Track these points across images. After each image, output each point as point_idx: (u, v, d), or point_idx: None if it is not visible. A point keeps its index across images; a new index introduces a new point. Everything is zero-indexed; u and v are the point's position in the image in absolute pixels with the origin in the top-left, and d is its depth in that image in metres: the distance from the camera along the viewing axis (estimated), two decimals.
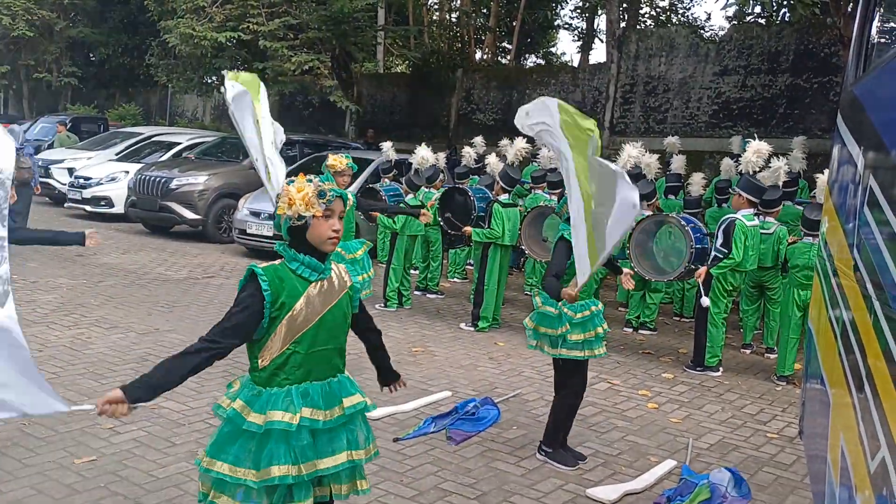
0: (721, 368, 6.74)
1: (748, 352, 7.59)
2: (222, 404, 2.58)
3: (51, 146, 17.34)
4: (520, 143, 9.37)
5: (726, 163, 9.96)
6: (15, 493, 3.70)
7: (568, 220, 4.40)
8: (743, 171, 7.23)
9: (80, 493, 3.76)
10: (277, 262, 2.59)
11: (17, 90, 27.29)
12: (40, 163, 15.79)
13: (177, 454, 4.29)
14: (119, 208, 13.40)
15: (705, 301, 6.47)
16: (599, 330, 4.49)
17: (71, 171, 14.80)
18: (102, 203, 13.66)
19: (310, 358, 2.56)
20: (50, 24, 23.55)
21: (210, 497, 2.54)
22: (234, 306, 2.54)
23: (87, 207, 13.78)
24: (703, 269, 6.59)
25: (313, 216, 2.50)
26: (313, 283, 2.57)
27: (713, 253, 6.62)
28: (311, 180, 2.55)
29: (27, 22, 22.53)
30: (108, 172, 14.00)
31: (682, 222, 6.74)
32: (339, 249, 5.40)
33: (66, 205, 14.27)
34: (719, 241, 6.58)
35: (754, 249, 6.63)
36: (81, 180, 14.00)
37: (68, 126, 18.12)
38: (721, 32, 15.11)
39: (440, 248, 9.32)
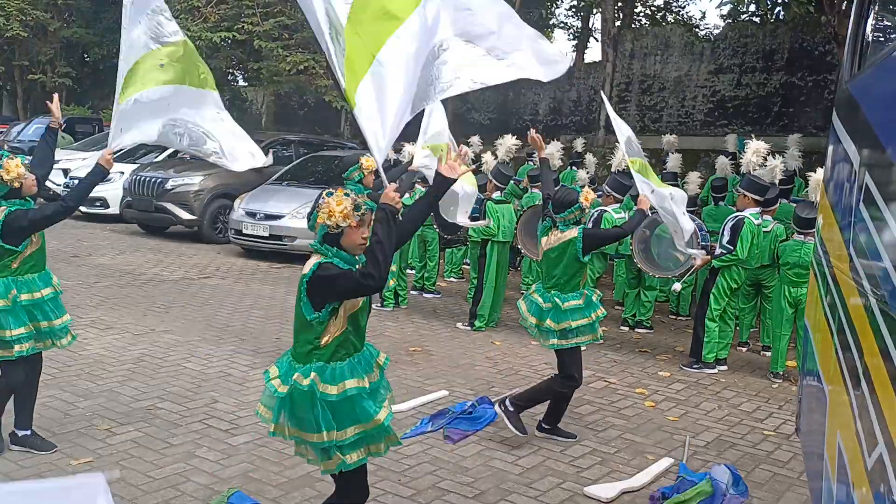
0: (718, 366, 6.74)
1: (744, 349, 7.60)
2: (300, 381, 2.88)
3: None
4: (510, 140, 9.38)
5: (721, 161, 9.98)
6: None
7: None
8: (744, 171, 7.25)
9: None
10: (315, 259, 2.93)
11: (11, 91, 27.21)
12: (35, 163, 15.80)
13: (174, 455, 4.28)
14: (114, 209, 13.36)
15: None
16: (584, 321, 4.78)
17: (66, 171, 14.74)
18: (97, 204, 13.61)
19: (357, 335, 3.04)
20: (44, 25, 23.46)
21: (324, 467, 2.99)
22: (340, 275, 2.86)
23: (83, 208, 13.72)
24: (706, 257, 6.62)
25: (349, 226, 2.90)
26: None
27: (718, 249, 6.64)
28: (347, 194, 2.94)
29: (21, 22, 22.45)
30: None
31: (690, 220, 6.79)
32: None
33: None
34: (725, 238, 6.60)
35: (758, 248, 6.67)
36: (76, 181, 13.94)
37: (63, 127, 18.08)
38: (716, 31, 15.17)
39: (437, 248, 9.32)
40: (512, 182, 9.43)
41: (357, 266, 2.95)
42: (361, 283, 2.83)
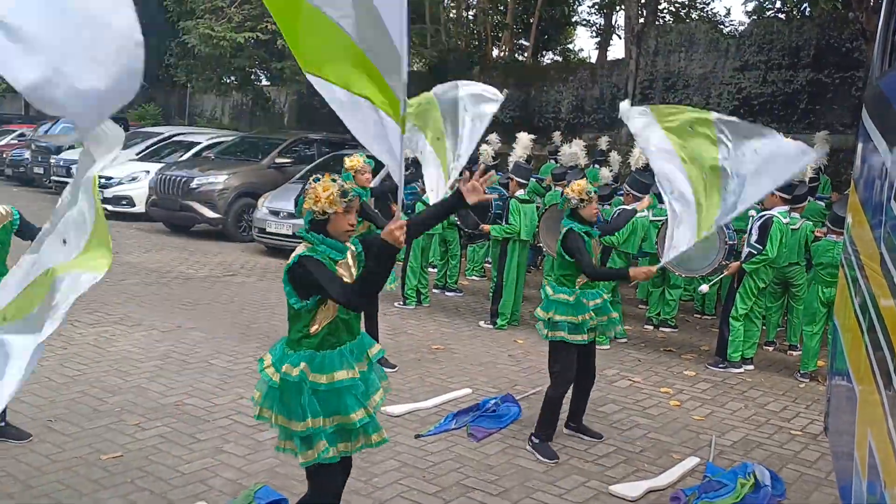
0: (745, 365, 6.69)
1: (771, 349, 7.53)
2: (289, 372, 2.89)
3: (72, 146, 17.50)
4: (525, 137, 9.35)
5: None
6: (43, 488, 3.76)
7: (571, 214, 4.75)
8: None
9: (107, 488, 3.81)
10: (302, 248, 2.91)
11: None
12: (62, 163, 16.03)
13: (202, 450, 4.33)
14: (140, 207, 13.52)
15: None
16: (586, 317, 4.67)
17: None
18: (124, 202, 13.79)
19: (348, 322, 3.00)
20: None
21: (303, 458, 2.94)
22: (323, 278, 2.82)
23: (109, 207, 13.88)
24: (735, 264, 6.58)
25: (335, 212, 2.87)
26: (338, 262, 2.95)
27: (746, 249, 6.59)
28: (335, 180, 2.92)
29: None
30: (129, 172, 14.12)
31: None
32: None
33: None
34: (753, 237, 6.54)
35: (787, 246, 6.61)
36: (103, 180, 14.12)
37: None
38: (741, 27, 15.00)
39: (457, 246, 9.32)
40: (534, 180, 9.42)
41: (347, 252, 2.96)
42: (346, 300, 2.82)
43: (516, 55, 24.14)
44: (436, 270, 9.55)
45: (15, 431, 4.29)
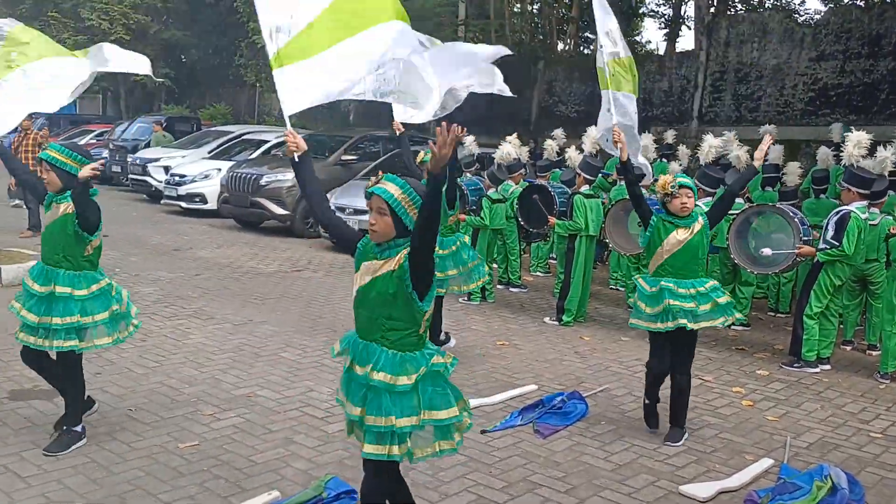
0: (821, 365, 6.47)
1: (849, 348, 7.27)
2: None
3: (147, 145, 18.14)
4: (594, 132, 9.22)
5: (823, 151, 9.55)
6: (125, 475, 3.91)
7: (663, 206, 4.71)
8: (846, 164, 6.92)
9: (185, 475, 3.94)
10: None
11: (115, 92, 28.63)
12: (138, 161, 16.60)
13: (274, 440, 4.43)
14: (212, 205, 13.90)
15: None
16: (672, 303, 4.62)
17: (166, 168, 15.43)
18: (197, 199, 14.20)
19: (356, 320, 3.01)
20: (144, 28, 24.60)
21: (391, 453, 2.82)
22: None
23: (183, 204, 14.35)
24: (808, 249, 6.38)
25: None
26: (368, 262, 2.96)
27: (822, 245, 6.37)
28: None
29: (124, 26, 23.62)
30: (201, 170, 14.53)
31: (790, 213, 6.55)
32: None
33: (162, 201, 14.90)
34: (829, 233, 6.32)
35: (865, 243, 6.37)
36: (177, 178, 14.58)
37: (164, 126, 18.92)
38: (817, 16, 14.49)
39: (516, 242, 9.27)
40: (601, 175, 9.30)
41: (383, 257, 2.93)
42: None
43: (582, 49, 23.86)
44: (496, 267, 9.54)
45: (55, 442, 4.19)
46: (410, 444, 2.84)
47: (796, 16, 14.81)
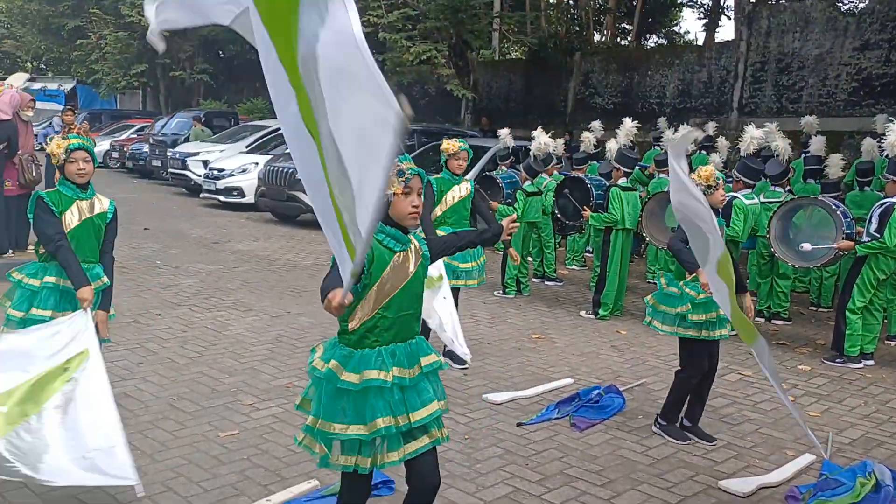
0: (864, 361, 6.34)
1: (893, 343, 7.12)
2: (316, 366, 2.73)
3: (186, 140, 18.40)
4: (629, 123, 9.13)
5: (868, 143, 9.33)
6: (168, 462, 3.99)
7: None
8: (890, 156, 6.76)
9: (225, 464, 4.01)
10: None
11: (155, 87, 29.07)
12: (178, 156, 16.86)
13: None
14: (250, 198, 14.07)
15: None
16: (721, 312, 4.45)
17: (205, 163, 15.64)
18: (235, 193, 14.38)
19: (396, 322, 2.74)
20: None
21: (332, 460, 2.70)
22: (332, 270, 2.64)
23: (221, 198, 14.54)
24: (848, 243, 6.26)
25: (394, 193, 2.69)
26: (397, 254, 2.74)
27: (865, 238, 6.24)
28: None
29: None
30: (239, 164, 14.70)
31: (832, 206, 6.42)
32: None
33: (201, 195, 15.12)
34: (873, 226, 6.18)
35: None
36: (215, 172, 14.78)
37: (202, 121, 19.17)
38: (861, 4, 14.11)
39: (550, 235, 9.23)
40: (638, 168, 9.20)
41: (409, 246, 2.76)
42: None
43: (619, 39, 23.62)
44: (531, 260, 9.51)
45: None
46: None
47: (839, 4, 14.44)
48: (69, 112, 12.41)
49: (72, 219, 3.89)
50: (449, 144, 5.95)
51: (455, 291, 5.77)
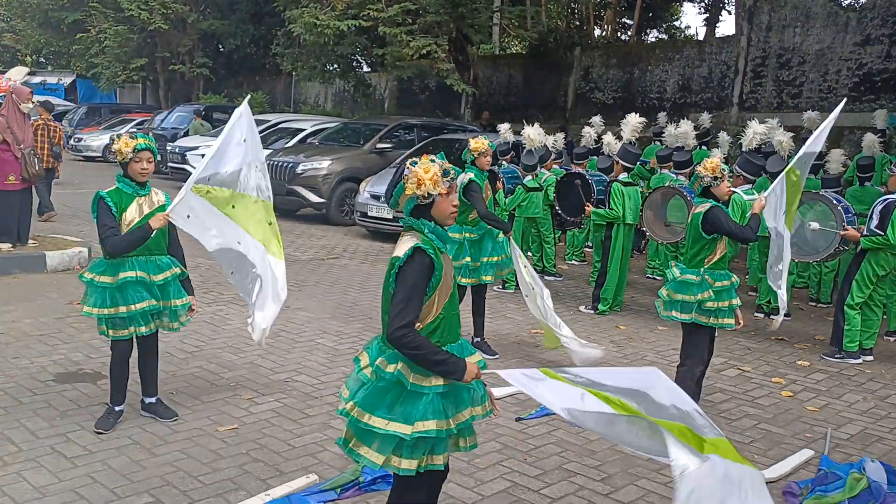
0: (863, 356, 6.34)
1: (892, 339, 7.11)
2: (384, 367, 2.73)
3: (186, 134, 18.37)
4: (634, 119, 9.10)
5: (869, 138, 9.33)
6: (166, 457, 3.99)
7: (704, 193, 4.82)
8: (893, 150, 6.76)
9: (224, 458, 4.01)
10: (413, 241, 2.66)
11: (154, 81, 29.00)
12: (177, 150, 16.84)
13: (311, 425, 4.49)
14: None
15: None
16: (733, 302, 4.78)
17: (204, 157, 15.59)
18: None
19: (450, 321, 2.76)
20: (183, 18, 24.86)
21: (351, 445, 2.76)
22: (409, 280, 2.61)
23: None
24: (854, 232, 6.26)
25: (439, 193, 2.69)
26: (443, 254, 2.75)
27: (866, 234, 6.23)
28: (433, 160, 2.71)
29: (163, 16, 23.90)
30: None
31: (834, 201, 6.41)
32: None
33: None
34: (874, 222, 6.18)
35: None
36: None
37: (202, 115, 19.14)
38: (862, 0, 14.10)
39: (549, 230, 9.22)
40: (639, 163, 9.19)
41: (445, 247, 2.76)
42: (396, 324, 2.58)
43: (619, 34, 23.57)
44: (530, 254, 9.50)
45: (163, 410, 4.47)
46: None
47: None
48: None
49: (133, 215, 4.09)
50: (478, 143, 6.01)
51: (481, 288, 6.02)
